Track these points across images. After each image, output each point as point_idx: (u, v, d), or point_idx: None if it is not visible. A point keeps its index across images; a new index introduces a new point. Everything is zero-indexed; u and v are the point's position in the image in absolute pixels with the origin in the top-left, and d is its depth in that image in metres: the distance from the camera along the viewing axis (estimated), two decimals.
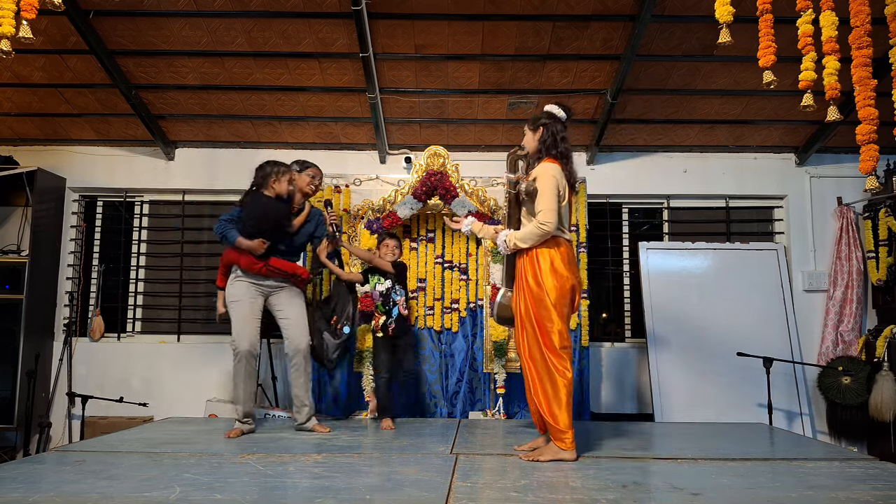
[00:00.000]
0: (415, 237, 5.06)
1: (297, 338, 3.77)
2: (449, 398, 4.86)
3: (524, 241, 2.94)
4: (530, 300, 2.91)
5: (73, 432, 5.40)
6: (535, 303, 2.89)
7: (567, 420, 2.85)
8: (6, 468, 2.70)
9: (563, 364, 2.85)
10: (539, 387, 2.89)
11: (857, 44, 2.79)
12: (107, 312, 5.72)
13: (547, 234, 2.90)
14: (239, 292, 3.68)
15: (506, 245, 2.99)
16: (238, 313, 3.64)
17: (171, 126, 5.65)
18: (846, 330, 5.41)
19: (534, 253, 2.94)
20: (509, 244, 2.98)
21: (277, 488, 2.38)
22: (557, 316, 2.88)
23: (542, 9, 4.55)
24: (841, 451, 3.46)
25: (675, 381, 5.20)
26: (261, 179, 3.73)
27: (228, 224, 3.69)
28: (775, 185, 5.78)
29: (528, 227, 2.94)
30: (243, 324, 3.63)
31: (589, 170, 5.71)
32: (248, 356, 3.62)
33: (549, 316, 2.87)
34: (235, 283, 3.70)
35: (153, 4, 4.53)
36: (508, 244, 2.98)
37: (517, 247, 2.96)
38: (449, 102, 5.36)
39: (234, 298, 3.67)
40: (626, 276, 5.86)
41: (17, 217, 5.45)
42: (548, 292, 2.87)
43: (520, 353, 3.03)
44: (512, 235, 2.97)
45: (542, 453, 2.91)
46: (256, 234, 3.64)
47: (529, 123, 3.16)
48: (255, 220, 3.66)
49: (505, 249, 3.02)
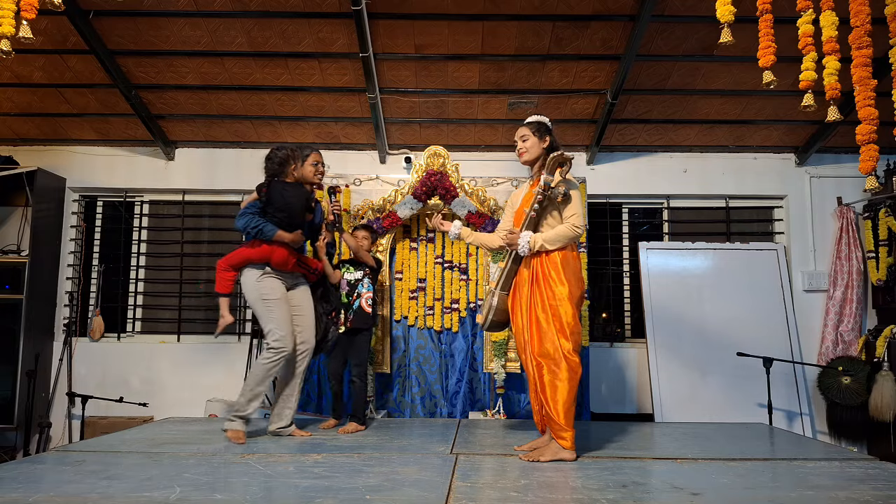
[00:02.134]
0: (415, 237, 5.06)
1: (310, 336, 3.63)
2: (449, 398, 4.86)
3: (553, 243, 2.99)
4: (551, 299, 2.95)
5: (73, 432, 5.40)
6: (557, 301, 2.95)
7: (571, 419, 2.92)
8: (6, 468, 2.69)
9: (577, 361, 2.93)
10: (549, 385, 2.92)
11: (857, 44, 2.79)
12: (107, 312, 5.73)
13: (578, 237, 3.05)
14: (274, 289, 3.48)
15: (529, 247, 3.00)
16: (278, 312, 3.44)
17: (171, 126, 5.65)
18: (846, 330, 5.41)
19: (556, 255, 3.00)
20: (534, 246, 3.00)
21: (277, 488, 2.38)
22: (576, 315, 2.99)
23: (542, 9, 4.55)
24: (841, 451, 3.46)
25: (675, 381, 5.20)
26: (277, 168, 3.49)
27: (258, 217, 3.43)
28: (775, 185, 5.78)
29: (560, 230, 2.99)
30: (286, 323, 3.45)
31: (589, 170, 5.71)
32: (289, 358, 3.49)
33: (571, 314, 2.95)
34: (266, 279, 3.48)
35: (153, 4, 4.53)
36: (533, 246, 3.00)
37: (543, 248, 2.99)
38: (449, 102, 5.36)
39: (273, 296, 3.46)
40: (626, 276, 5.86)
41: (17, 217, 5.45)
42: (571, 292, 2.97)
43: (529, 351, 3.02)
44: (538, 237, 3.00)
45: (543, 453, 2.92)
46: (289, 226, 3.45)
47: (533, 129, 3.17)
48: (286, 211, 3.44)
49: (526, 251, 3.02)
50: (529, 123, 3.22)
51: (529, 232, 3.04)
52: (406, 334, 4.97)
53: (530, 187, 3.22)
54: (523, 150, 3.18)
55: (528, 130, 3.19)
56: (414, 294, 4.97)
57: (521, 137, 3.20)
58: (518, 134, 3.22)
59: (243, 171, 5.74)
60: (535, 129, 3.17)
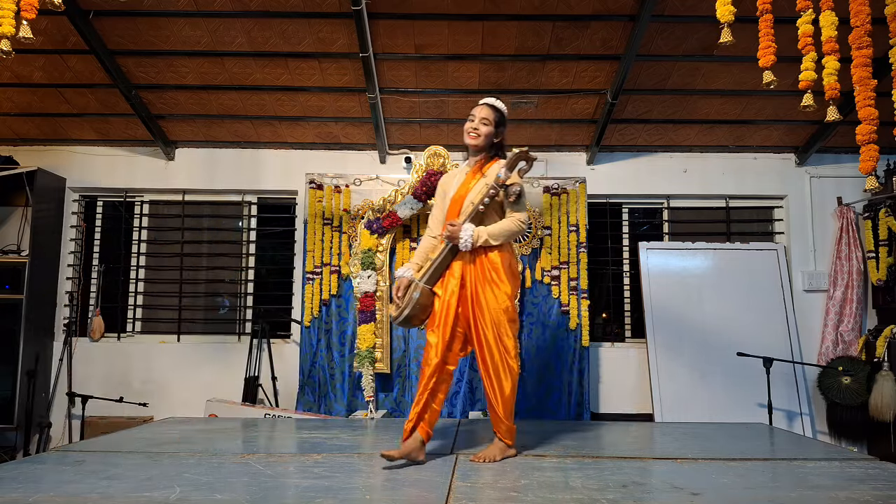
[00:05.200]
0: (415, 237, 5.06)
1: None
2: (449, 398, 4.86)
3: (497, 238, 2.84)
4: (492, 300, 2.83)
5: (73, 432, 5.40)
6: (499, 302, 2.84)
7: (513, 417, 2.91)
8: (6, 468, 2.69)
9: (515, 361, 2.89)
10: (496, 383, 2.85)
11: (857, 44, 2.79)
12: (107, 312, 5.72)
13: (522, 233, 2.94)
14: None
15: (473, 241, 2.80)
16: None
17: (171, 126, 5.65)
18: (846, 330, 5.41)
19: (496, 252, 2.87)
20: (478, 240, 2.80)
21: (277, 488, 2.38)
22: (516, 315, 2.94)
23: (542, 9, 4.55)
24: (841, 451, 3.45)
25: (675, 381, 5.20)
26: None
27: None
28: (775, 185, 5.78)
29: (506, 224, 2.85)
30: None
31: (589, 170, 5.71)
32: None
33: (512, 315, 2.88)
34: None
35: (153, 4, 4.53)
36: (477, 240, 2.80)
37: (487, 243, 2.82)
38: (449, 102, 5.36)
39: None
40: (626, 276, 5.85)
41: (17, 217, 5.45)
42: (514, 292, 2.91)
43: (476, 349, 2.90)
44: (482, 231, 2.82)
45: (494, 454, 2.85)
46: None
47: (496, 118, 2.95)
48: None
49: (468, 246, 2.80)
50: (494, 108, 2.97)
51: (472, 225, 2.83)
52: (406, 334, 4.98)
53: (469, 175, 2.99)
54: (477, 133, 2.93)
55: (491, 115, 2.95)
56: None
57: (482, 120, 2.94)
58: (478, 113, 2.95)
59: (243, 171, 5.74)
60: (497, 119, 2.95)
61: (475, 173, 2.96)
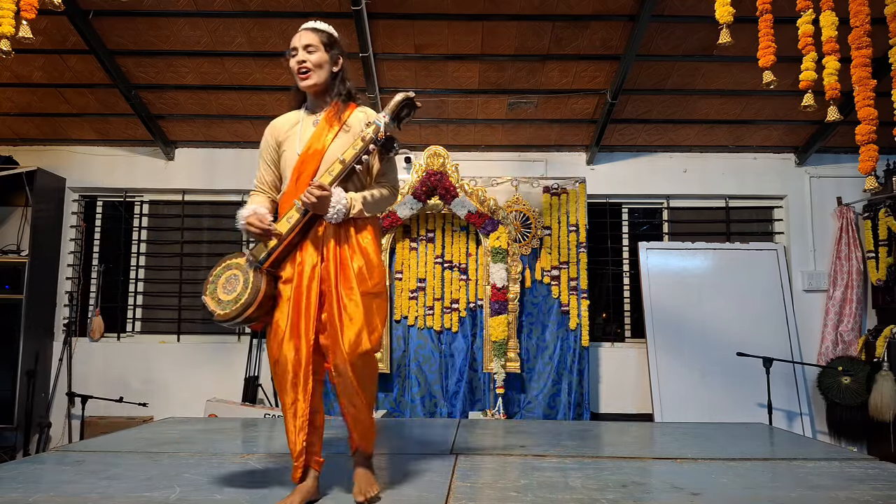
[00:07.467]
0: (415, 237, 5.06)
1: None
2: (449, 398, 4.87)
3: (370, 209, 2.22)
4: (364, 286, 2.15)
5: (72, 432, 5.40)
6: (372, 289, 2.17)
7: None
8: (6, 468, 2.69)
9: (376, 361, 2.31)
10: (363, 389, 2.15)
11: (856, 44, 2.79)
12: (107, 312, 5.72)
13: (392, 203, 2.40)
14: None
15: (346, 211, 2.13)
16: None
17: (170, 126, 5.65)
18: (846, 330, 5.41)
19: (367, 228, 2.24)
20: (352, 209, 2.15)
21: (277, 488, 2.38)
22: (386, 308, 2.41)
23: (541, 9, 4.55)
24: (841, 451, 3.45)
25: (675, 381, 5.20)
26: None
27: None
28: (775, 185, 5.78)
29: (381, 192, 2.25)
30: None
31: (589, 170, 5.71)
32: None
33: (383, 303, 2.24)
34: None
35: (153, 4, 4.53)
36: (351, 209, 2.15)
37: (361, 214, 2.18)
38: (449, 102, 5.36)
39: None
40: (626, 276, 5.86)
41: (17, 217, 5.45)
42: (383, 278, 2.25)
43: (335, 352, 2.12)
44: (356, 198, 2.18)
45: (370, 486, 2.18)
46: None
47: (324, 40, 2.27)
48: None
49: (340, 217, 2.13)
50: (315, 30, 2.28)
51: (341, 190, 2.15)
52: (406, 334, 4.98)
53: (323, 125, 2.26)
54: (309, 67, 2.23)
55: (316, 39, 2.25)
56: (414, 294, 4.97)
57: (306, 48, 2.24)
58: (298, 42, 2.25)
59: (243, 170, 5.73)
60: (325, 41, 2.27)
61: (330, 123, 2.26)
